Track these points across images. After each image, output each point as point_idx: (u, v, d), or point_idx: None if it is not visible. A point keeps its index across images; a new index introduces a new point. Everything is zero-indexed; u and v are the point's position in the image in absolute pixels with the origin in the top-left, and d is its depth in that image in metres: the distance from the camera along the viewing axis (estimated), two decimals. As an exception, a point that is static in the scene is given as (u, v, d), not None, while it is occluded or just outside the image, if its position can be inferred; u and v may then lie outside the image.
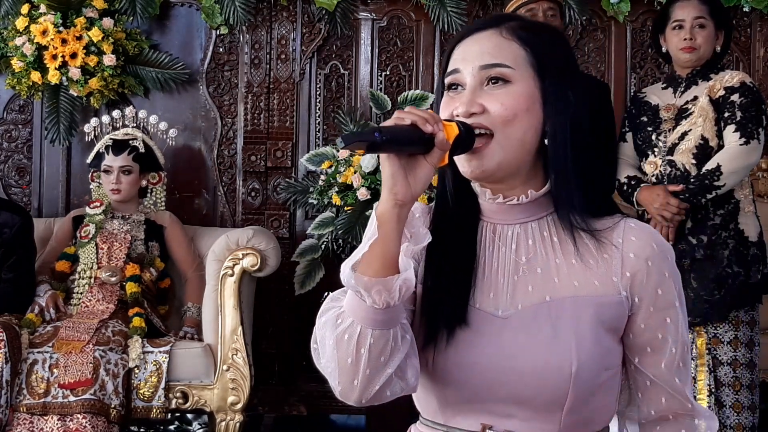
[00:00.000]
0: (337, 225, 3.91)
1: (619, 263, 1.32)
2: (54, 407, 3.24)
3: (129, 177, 3.81)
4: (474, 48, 1.33)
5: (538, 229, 1.35)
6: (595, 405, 1.32)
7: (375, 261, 1.21)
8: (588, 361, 1.27)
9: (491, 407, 1.30)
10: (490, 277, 1.34)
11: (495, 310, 1.32)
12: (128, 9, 4.19)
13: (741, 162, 3.00)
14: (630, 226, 1.34)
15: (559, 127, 1.31)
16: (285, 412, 4.23)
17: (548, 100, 1.31)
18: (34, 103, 4.37)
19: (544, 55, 1.32)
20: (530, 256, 1.34)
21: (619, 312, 1.32)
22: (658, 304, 1.32)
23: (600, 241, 1.33)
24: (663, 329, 1.33)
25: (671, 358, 1.34)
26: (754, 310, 3.07)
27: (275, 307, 4.28)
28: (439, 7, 4.22)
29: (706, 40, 3.11)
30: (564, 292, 1.30)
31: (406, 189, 1.21)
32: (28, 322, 3.46)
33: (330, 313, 1.28)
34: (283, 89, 4.35)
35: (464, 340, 1.30)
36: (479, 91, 1.30)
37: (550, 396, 1.27)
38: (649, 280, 1.32)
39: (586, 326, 1.28)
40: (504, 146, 1.29)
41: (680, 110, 3.14)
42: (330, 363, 1.27)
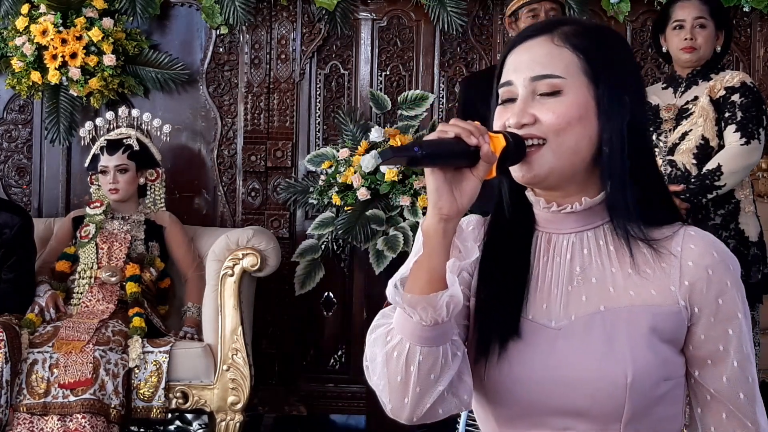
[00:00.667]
0: (337, 225, 3.90)
1: (678, 272, 1.28)
2: (54, 407, 3.24)
3: (125, 176, 3.80)
4: (524, 57, 1.30)
5: (594, 238, 1.32)
6: (658, 417, 1.28)
7: (421, 277, 1.20)
8: (644, 370, 1.24)
9: (548, 421, 1.28)
10: (543, 288, 1.32)
11: (548, 321, 1.29)
12: (128, 9, 4.19)
13: (741, 162, 3.00)
14: (690, 234, 1.30)
15: (615, 134, 1.27)
16: (285, 412, 4.23)
17: (602, 107, 1.28)
18: (34, 103, 4.36)
19: (598, 60, 1.29)
20: (585, 265, 1.31)
21: (677, 322, 1.27)
22: (719, 314, 1.27)
23: (658, 251, 1.28)
24: (725, 341, 1.28)
25: (733, 371, 1.28)
26: (754, 310, 3.07)
27: (275, 307, 4.28)
28: (439, 7, 4.22)
29: (707, 41, 3.11)
30: (619, 302, 1.27)
31: (451, 203, 1.19)
32: (28, 322, 3.46)
33: (380, 330, 1.26)
34: (283, 89, 4.35)
35: (517, 352, 1.28)
36: (531, 101, 1.28)
37: (607, 407, 1.24)
38: (710, 289, 1.27)
39: (641, 336, 1.25)
40: (556, 153, 1.26)
41: (680, 110, 3.14)
42: (380, 381, 1.25)
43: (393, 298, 1.21)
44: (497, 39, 4.33)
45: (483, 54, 4.33)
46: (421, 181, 3.84)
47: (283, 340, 4.30)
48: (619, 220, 1.29)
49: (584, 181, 1.31)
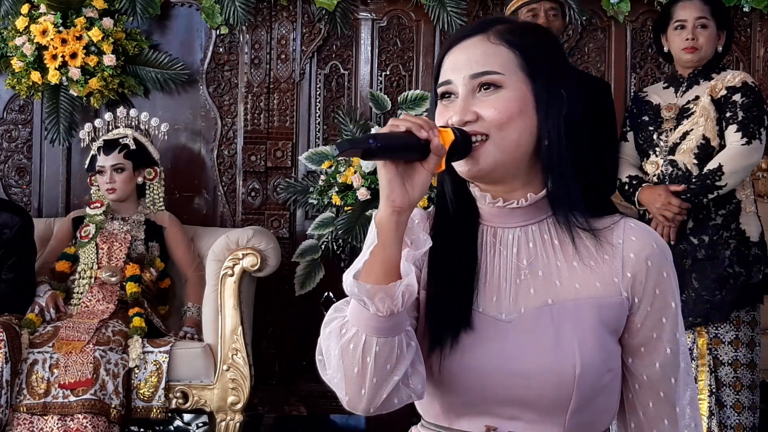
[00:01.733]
0: (337, 225, 3.90)
1: (620, 264, 1.32)
2: (54, 407, 3.24)
3: (122, 175, 3.80)
4: (462, 57, 1.33)
5: (538, 231, 1.35)
6: (598, 407, 1.32)
7: (376, 268, 1.21)
8: (591, 363, 1.27)
9: (496, 410, 1.30)
10: (492, 281, 1.34)
11: (498, 313, 1.32)
12: (128, 9, 4.19)
13: (742, 162, 3.00)
14: (630, 225, 1.34)
15: (552, 127, 1.31)
16: (285, 412, 4.23)
17: (541, 102, 1.31)
18: (34, 103, 4.36)
19: (533, 56, 1.32)
20: (531, 259, 1.34)
21: (620, 313, 1.32)
22: (655, 303, 1.32)
23: (600, 242, 1.33)
24: (658, 329, 1.33)
25: (666, 358, 1.34)
26: (755, 310, 3.06)
27: (275, 307, 4.28)
28: (439, 7, 4.22)
29: (708, 40, 3.11)
30: (566, 295, 1.31)
31: (403, 196, 1.21)
32: (28, 322, 3.46)
33: (334, 323, 1.28)
34: (283, 89, 4.35)
35: (469, 344, 1.30)
36: (472, 99, 1.31)
37: (555, 398, 1.27)
38: (649, 279, 1.32)
39: (588, 328, 1.29)
40: (499, 147, 1.29)
41: (681, 110, 3.13)
42: (336, 373, 1.26)
43: (350, 290, 1.22)
44: (497, 39, 4.32)
45: (483, 54, 4.32)
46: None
47: (283, 340, 4.30)
48: (560, 212, 1.33)
49: (527, 175, 1.34)
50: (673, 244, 3.04)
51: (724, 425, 3.00)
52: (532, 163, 1.33)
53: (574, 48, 4.33)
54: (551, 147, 1.31)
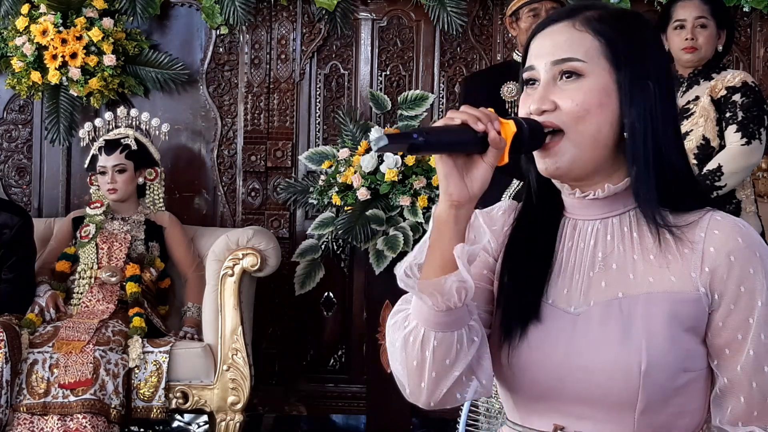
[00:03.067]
0: (337, 225, 3.90)
1: (699, 258, 1.25)
2: (54, 407, 3.24)
3: (124, 175, 3.80)
4: (546, 42, 1.30)
5: (618, 224, 1.31)
6: (675, 409, 1.26)
7: (433, 263, 1.20)
8: (660, 360, 1.22)
9: (564, 407, 1.28)
10: (565, 274, 1.31)
11: (568, 306, 1.29)
12: (128, 9, 4.19)
13: (742, 162, 3.00)
14: (716, 219, 1.27)
15: (637, 119, 1.26)
16: (285, 412, 4.23)
17: (624, 92, 1.27)
18: (34, 103, 4.36)
19: (620, 44, 1.28)
20: (608, 252, 1.30)
21: (697, 310, 1.25)
22: (739, 302, 1.24)
23: (681, 238, 1.26)
24: (744, 330, 1.24)
25: (748, 360, 1.24)
26: (755, 311, 3.06)
27: (275, 307, 4.28)
28: (439, 7, 4.22)
29: (708, 40, 3.11)
30: (638, 289, 1.26)
31: (462, 190, 1.19)
32: (28, 322, 3.46)
33: (400, 315, 1.27)
34: (283, 89, 4.35)
35: (536, 336, 1.28)
36: (552, 87, 1.27)
37: (621, 396, 1.23)
38: (731, 275, 1.24)
39: (659, 324, 1.23)
40: (576, 143, 1.26)
41: (682, 110, 3.13)
42: (399, 365, 1.26)
43: (404, 284, 1.21)
44: (497, 39, 4.33)
45: (483, 54, 4.33)
46: (421, 181, 3.84)
47: (283, 340, 4.30)
48: (644, 207, 1.28)
49: (610, 168, 1.30)
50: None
51: (724, 425, 3.00)
52: (613, 155, 1.29)
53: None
54: (635, 141, 1.26)
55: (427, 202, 3.85)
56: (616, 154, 1.29)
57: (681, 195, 1.29)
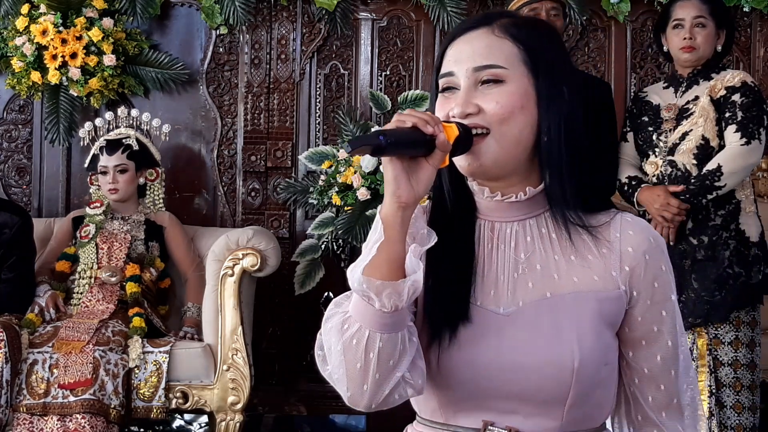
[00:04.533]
0: (337, 225, 3.91)
1: (618, 258, 1.32)
2: (54, 407, 3.24)
3: (125, 175, 3.80)
4: (466, 49, 1.33)
5: (536, 226, 1.35)
6: (596, 401, 1.32)
7: (382, 264, 1.22)
8: (589, 356, 1.27)
9: (493, 404, 1.30)
10: (489, 275, 1.34)
11: (496, 307, 1.32)
12: (128, 9, 4.19)
13: (742, 162, 2.99)
14: (626, 220, 1.35)
15: (553, 123, 1.31)
16: (285, 412, 4.23)
17: (542, 97, 1.31)
18: (34, 103, 4.36)
19: (537, 52, 1.32)
20: (529, 253, 1.34)
21: (618, 306, 1.32)
22: (655, 297, 1.33)
23: (596, 237, 1.33)
24: (659, 322, 1.34)
25: (667, 350, 1.34)
26: (755, 311, 3.06)
27: (275, 307, 4.28)
28: (439, 7, 4.22)
29: (706, 40, 3.11)
30: (564, 288, 1.31)
31: (409, 191, 1.22)
32: (28, 322, 3.46)
33: (335, 318, 1.28)
34: (283, 89, 4.35)
35: (467, 338, 1.30)
36: (474, 92, 1.31)
37: (553, 391, 1.27)
38: (647, 273, 1.32)
39: (587, 322, 1.29)
40: (500, 143, 1.29)
41: (681, 110, 3.13)
42: (338, 369, 1.27)
43: (358, 286, 1.23)
44: (497, 39, 4.32)
45: (483, 54, 4.32)
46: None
47: (283, 340, 4.30)
48: (557, 208, 1.33)
49: (527, 171, 1.34)
50: (673, 244, 3.04)
51: (724, 426, 3.00)
52: (531, 158, 1.33)
53: (574, 48, 4.33)
54: (550, 143, 1.31)
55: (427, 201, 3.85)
56: (533, 157, 1.33)
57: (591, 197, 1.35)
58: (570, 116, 1.32)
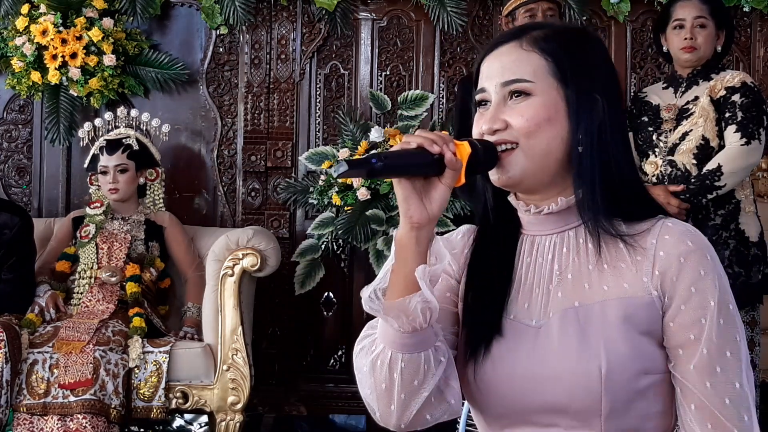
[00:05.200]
0: (337, 225, 3.91)
1: (650, 263, 1.28)
2: (54, 407, 3.24)
3: (125, 175, 3.80)
4: (495, 64, 1.34)
5: (574, 237, 1.34)
6: (640, 413, 1.28)
7: (397, 285, 1.23)
8: (619, 363, 1.25)
9: (534, 418, 1.30)
10: (525, 289, 1.34)
11: (529, 320, 1.32)
12: (128, 9, 4.19)
13: (742, 162, 3.00)
14: (667, 225, 1.31)
15: (585, 133, 1.30)
16: (285, 412, 4.23)
17: (572, 108, 1.30)
18: (34, 103, 4.36)
19: (566, 61, 1.32)
20: (564, 264, 1.33)
21: (651, 313, 1.28)
22: (690, 303, 1.27)
23: (632, 246, 1.30)
24: (697, 330, 1.26)
25: (701, 359, 1.26)
26: (754, 311, 3.06)
27: (275, 307, 4.28)
28: (439, 7, 4.22)
29: (707, 40, 3.11)
30: (593, 298, 1.29)
31: (421, 212, 1.22)
32: (28, 322, 3.46)
33: (366, 340, 1.30)
34: (283, 89, 4.35)
35: (500, 352, 1.30)
36: (503, 107, 1.31)
37: (585, 402, 1.26)
38: (681, 277, 1.27)
39: (615, 328, 1.26)
40: (528, 155, 1.30)
41: (681, 110, 3.13)
42: (368, 389, 1.28)
43: (368, 306, 1.23)
44: (497, 39, 4.32)
45: (483, 54, 4.32)
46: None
47: (283, 340, 4.30)
48: (589, 218, 1.32)
49: (562, 182, 1.34)
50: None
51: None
52: (566, 168, 1.32)
53: (574, 48, 4.32)
54: (583, 154, 1.30)
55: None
56: (568, 168, 1.32)
57: (630, 206, 1.33)
58: (603, 124, 1.31)
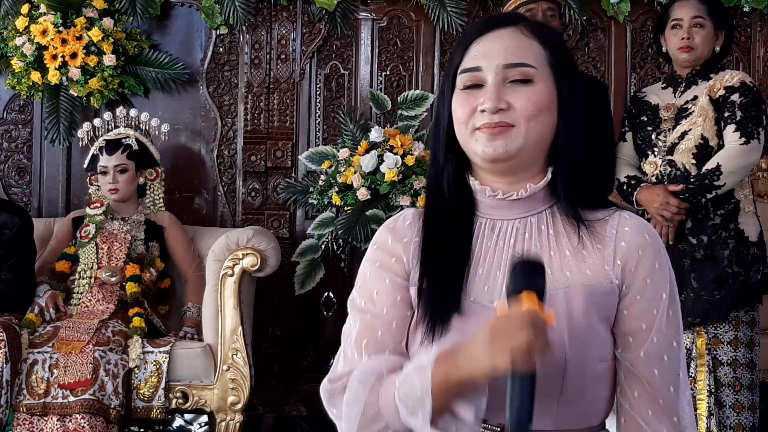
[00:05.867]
0: (337, 225, 3.90)
1: (612, 252, 1.33)
2: (54, 407, 3.24)
3: (125, 175, 3.80)
4: (495, 45, 1.35)
5: (536, 223, 1.37)
6: (591, 398, 1.32)
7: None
8: (581, 350, 1.28)
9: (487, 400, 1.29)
10: (484, 271, 1.36)
11: (489, 302, 1.33)
12: (128, 9, 4.19)
13: (741, 162, 3.00)
14: (624, 217, 1.36)
15: (574, 123, 1.34)
16: (285, 412, 4.23)
17: (562, 99, 1.35)
18: (34, 103, 4.37)
19: (560, 56, 1.36)
20: (526, 249, 1.36)
21: (610, 300, 1.33)
22: (645, 293, 1.33)
23: (594, 233, 1.35)
24: (648, 320, 1.33)
25: (651, 347, 1.32)
26: (754, 310, 3.06)
27: (275, 307, 4.28)
28: (439, 7, 4.22)
29: (704, 40, 3.11)
30: (557, 284, 1.31)
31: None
32: (28, 322, 3.46)
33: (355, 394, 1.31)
34: (283, 89, 4.35)
35: (459, 331, 1.30)
36: (503, 88, 1.33)
37: (545, 387, 1.26)
38: (639, 268, 1.33)
39: (578, 315, 1.29)
40: (525, 136, 1.32)
41: (680, 110, 3.13)
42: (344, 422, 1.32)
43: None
44: (497, 39, 4.32)
45: (483, 54, 4.32)
46: (421, 181, 3.84)
47: (283, 340, 4.30)
48: (567, 203, 1.35)
49: (534, 168, 1.37)
50: (672, 244, 3.04)
51: (723, 425, 3.00)
52: (542, 156, 1.37)
53: (574, 48, 4.33)
54: (567, 144, 1.35)
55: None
56: (545, 154, 1.37)
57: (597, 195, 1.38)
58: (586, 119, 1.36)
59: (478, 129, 1.33)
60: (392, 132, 4.06)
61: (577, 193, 1.35)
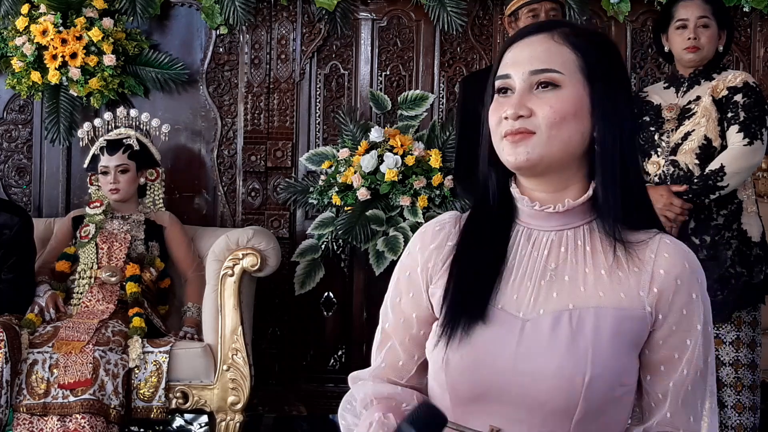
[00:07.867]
0: (337, 225, 3.90)
1: (648, 278, 1.31)
2: (54, 407, 3.24)
3: (126, 176, 3.80)
4: (524, 53, 1.34)
5: (573, 237, 1.35)
6: (606, 421, 1.30)
7: None
8: (603, 373, 1.26)
9: (502, 410, 1.30)
10: (516, 280, 1.34)
11: (517, 311, 1.32)
12: (128, 9, 4.19)
13: (744, 162, 2.99)
14: (665, 242, 1.33)
15: (608, 134, 1.31)
16: (285, 412, 4.23)
17: (597, 107, 1.31)
18: (34, 103, 4.36)
19: (594, 60, 1.33)
20: (560, 263, 1.34)
21: (641, 327, 1.31)
22: (680, 324, 1.32)
23: (631, 255, 1.32)
24: (681, 350, 1.32)
25: (681, 378, 1.32)
26: (756, 311, 3.06)
27: (275, 307, 4.28)
28: (439, 7, 4.22)
29: (710, 40, 3.11)
30: (588, 302, 1.30)
31: None
32: (28, 322, 3.45)
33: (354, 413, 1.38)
34: (283, 89, 4.35)
35: (482, 338, 1.30)
36: (529, 95, 1.31)
37: (561, 404, 1.26)
38: (676, 298, 1.31)
39: (605, 338, 1.28)
40: (547, 142, 1.30)
41: (683, 110, 3.13)
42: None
43: None
44: (497, 39, 4.33)
45: (483, 54, 4.33)
46: (421, 182, 3.83)
47: (283, 340, 4.30)
48: (605, 220, 1.33)
49: (571, 178, 1.35)
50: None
51: (724, 426, 3.00)
52: (578, 165, 1.34)
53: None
54: (604, 154, 1.31)
55: (427, 202, 3.85)
56: (580, 165, 1.34)
57: (635, 213, 1.34)
58: (624, 127, 1.33)
59: (504, 137, 1.32)
60: (392, 132, 4.06)
61: (617, 211, 1.32)
